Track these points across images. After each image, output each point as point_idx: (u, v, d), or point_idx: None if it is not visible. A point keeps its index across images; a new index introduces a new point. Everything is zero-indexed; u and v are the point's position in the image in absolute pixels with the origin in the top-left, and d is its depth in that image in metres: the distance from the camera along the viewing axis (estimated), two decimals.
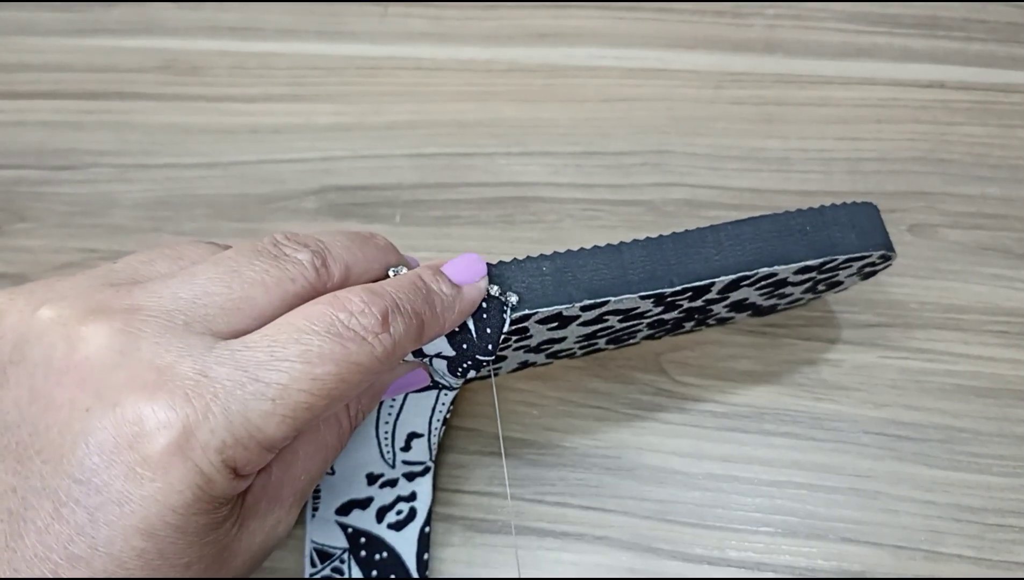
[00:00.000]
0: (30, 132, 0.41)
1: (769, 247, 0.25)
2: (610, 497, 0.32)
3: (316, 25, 0.43)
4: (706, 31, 0.42)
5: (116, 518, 0.18)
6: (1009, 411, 0.33)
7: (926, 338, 0.34)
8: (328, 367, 0.19)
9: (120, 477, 0.18)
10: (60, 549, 0.18)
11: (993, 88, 0.40)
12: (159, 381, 0.18)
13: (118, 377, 0.19)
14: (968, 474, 0.32)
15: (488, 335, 0.24)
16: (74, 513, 0.18)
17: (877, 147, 0.39)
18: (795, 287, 0.29)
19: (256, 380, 0.19)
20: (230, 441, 0.19)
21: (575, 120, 0.40)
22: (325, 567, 0.30)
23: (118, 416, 0.18)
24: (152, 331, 0.19)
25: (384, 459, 0.30)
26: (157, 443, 0.18)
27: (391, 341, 0.21)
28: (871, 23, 0.42)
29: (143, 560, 0.19)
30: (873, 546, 0.31)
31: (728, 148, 0.39)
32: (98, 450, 0.18)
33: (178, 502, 0.18)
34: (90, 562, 0.18)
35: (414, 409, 0.28)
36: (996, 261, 0.36)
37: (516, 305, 0.24)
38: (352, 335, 0.20)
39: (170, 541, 0.19)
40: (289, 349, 0.19)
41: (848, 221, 0.26)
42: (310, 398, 0.19)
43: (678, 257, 0.25)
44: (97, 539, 0.18)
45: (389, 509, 0.30)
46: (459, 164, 0.39)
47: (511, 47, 0.42)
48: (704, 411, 0.33)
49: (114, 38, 0.43)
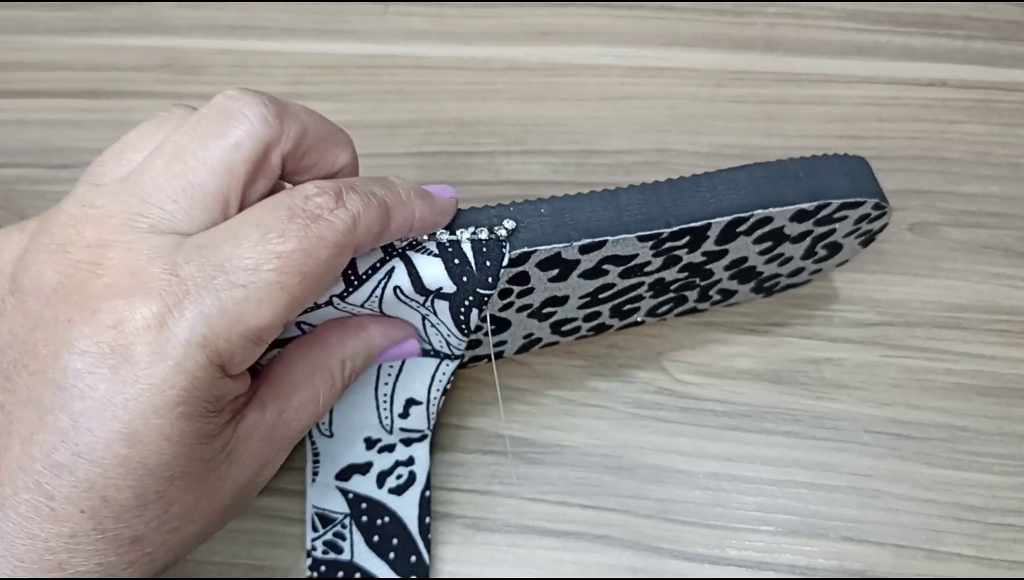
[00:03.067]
0: (30, 131, 0.41)
1: (763, 190, 0.26)
2: (610, 496, 0.32)
3: (316, 24, 0.43)
4: (707, 29, 0.42)
5: (98, 423, 0.18)
6: (1010, 410, 0.33)
7: (927, 337, 0.34)
8: (291, 244, 0.20)
9: (102, 381, 0.18)
10: (43, 458, 0.19)
11: (994, 86, 0.40)
12: (133, 285, 0.19)
13: (96, 287, 0.19)
14: (969, 473, 0.32)
15: (488, 268, 0.24)
16: (58, 420, 0.19)
17: (878, 145, 0.39)
18: (794, 245, 0.29)
19: (224, 271, 0.19)
20: (210, 334, 0.19)
21: (575, 119, 0.40)
22: (327, 531, 0.30)
23: (98, 322, 0.19)
24: (122, 240, 0.20)
25: (382, 424, 0.30)
26: (136, 343, 0.18)
27: (349, 215, 0.21)
28: (872, 21, 0.42)
29: (125, 468, 0.19)
30: (874, 545, 0.31)
31: (729, 146, 0.39)
32: (80, 356, 0.18)
33: (160, 402, 0.18)
34: (73, 470, 0.18)
35: (414, 373, 0.28)
36: (997, 260, 0.36)
37: (512, 230, 0.24)
38: (310, 213, 0.20)
39: (153, 449, 0.19)
40: (251, 235, 0.20)
41: (840, 169, 0.27)
42: (280, 277, 0.19)
43: (674, 200, 0.25)
44: (80, 446, 0.18)
45: (389, 474, 0.30)
46: (459, 163, 0.39)
47: (511, 45, 0.42)
48: (705, 410, 0.33)
49: (114, 37, 0.43)
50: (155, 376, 0.18)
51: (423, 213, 0.23)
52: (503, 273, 0.25)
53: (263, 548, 0.31)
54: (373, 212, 0.21)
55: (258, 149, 0.21)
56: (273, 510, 0.32)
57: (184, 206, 0.20)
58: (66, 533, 0.19)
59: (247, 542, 0.31)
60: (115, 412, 0.18)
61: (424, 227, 0.23)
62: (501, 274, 0.24)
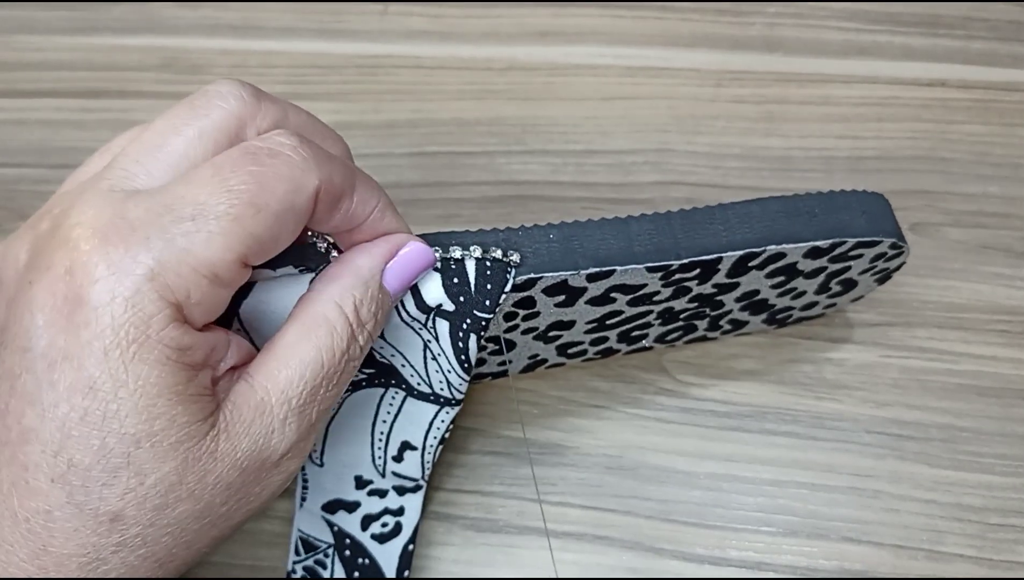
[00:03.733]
0: (31, 130, 0.41)
1: (777, 226, 0.25)
2: (611, 496, 0.32)
3: (316, 23, 0.43)
4: (707, 29, 0.42)
5: (59, 376, 0.18)
6: (1011, 410, 0.33)
7: (928, 337, 0.34)
8: (243, 176, 0.19)
9: (60, 332, 0.18)
10: (16, 426, 0.18)
11: (994, 86, 0.40)
12: (81, 234, 0.19)
13: (50, 245, 0.19)
14: (970, 473, 0.32)
15: (488, 291, 0.24)
16: (25, 383, 0.18)
17: (878, 145, 0.39)
18: (807, 281, 0.28)
19: (172, 209, 0.19)
20: (157, 268, 0.18)
21: (575, 119, 0.40)
22: (308, 558, 0.30)
23: (51, 275, 0.18)
24: (79, 202, 0.20)
25: (375, 464, 0.29)
26: (87, 286, 0.18)
27: (311, 154, 0.20)
28: (872, 21, 0.42)
29: (87, 425, 0.18)
30: (874, 545, 0.31)
31: (729, 147, 0.39)
32: (40, 312, 0.18)
33: (112, 343, 0.18)
34: (39, 433, 0.18)
35: (413, 416, 0.28)
36: (998, 260, 0.36)
37: (519, 263, 0.24)
38: (268, 150, 0.20)
39: (111, 398, 0.18)
40: (203, 173, 0.19)
41: (858, 206, 0.26)
42: (232, 208, 0.19)
43: (685, 232, 0.25)
44: (44, 403, 0.18)
45: (375, 519, 0.30)
46: (459, 163, 0.39)
47: (511, 45, 0.42)
48: (705, 410, 0.33)
49: (115, 36, 0.43)
50: (105, 315, 0.18)
51: (386, 205, 0.22)
52: (506, 298, 0.24)
53: (263, 548, 0.31)
54: (338, 165, 0.21)
55: (230, 120, 0.21)
56: (273, 510, 0.32)
57: (147, 167, 0.20)
58: (42, 509, 0.18)
59: (247, 542, 0.31)
60: (72, 363, 0.18)
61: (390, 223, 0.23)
62: (503, 299, 0.24)
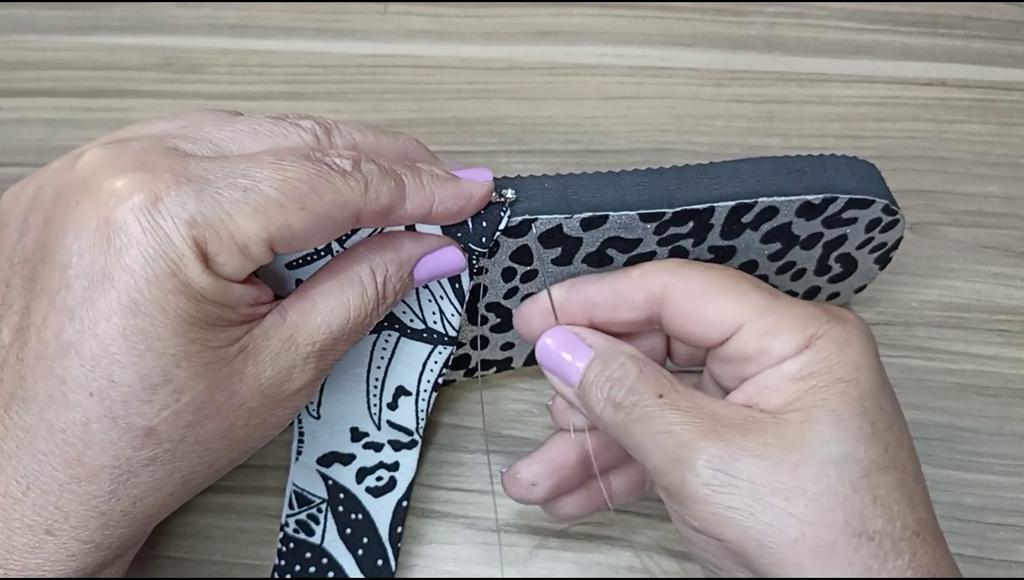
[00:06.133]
0: (30, 130, 0.41)
1: (768, 180, 0.26)
2: None
3: (316, 23, 0.43)
4: (707, 29, 0.42)
5: (100, 295, 0.19)
6: (1010, 410, 0.33)
7: (927, 336, 0.34)
8: (299, 174, 0.20)
9: (101, 253, 0.19)
10: (54, 341, 0.19)
11: (994, 86, 0.40)
12: (139, 167, 0.20)
13: (105, 172, 0.20)
14: (969, 473, 0.32)
15: (483, 228, 0.25)
16: (65, 299, 0.19)
17: (877, 145, 0.39)
18: (805, 252, 0.28)
19: (230, 174, 0.20)
20: (200, 219, 0.19)
21: (575, 118, 0.40)
22: (302, 511, 0.30)
23: (99, 197, 0.19)
24: (140, 146, 0.21)
25: (371, 414, 0.30)
26: (128, 205, 0.19)
27: (363, 178, 0.21)
28: (871, 21, 0.42)
29: (127, 342, 0.19)
30: None
31: (728, 146, 0.39)
32: (84, 230, 0.19)
33: (152, 273, 0.19)
34: (79, 348, 0.19)
35: (406, 358, 0.28)
36: (997, 259, 0.36)
37: (514, 200, 0.24)
38: (325, 163, 0.21)
39: (152, 321, 0.19)
40: (264, 158, 0.21)
41: (847, 168, 0.26)
42: (282, 197, 0.20)
43: (677, 184, 0.25)
44: (84, 320, 0.19)
45: (370, 472, 0.30)
46: (459, 162, 0.39)
47: (511, 45, 0.42)
48: None
49: (114, 36, 0.43)
50: (146, 245, 0.19)
51: (444, 199, 0.23)
52: (502, 239, 0.25)
53: (264, 547, 0.31)
54: (386, 185, 0.22)
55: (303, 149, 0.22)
56: (274, 509, 0.32)
57: (218, 145, 0.21)
58: (79, 421, 0.19)
59: (247, 541, 0.31)
60: (113, 282, 0.19)
61: (446, 214, 0.24)
62: (497, 236, 0.25)
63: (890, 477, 0.21)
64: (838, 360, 0.22)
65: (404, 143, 0.25)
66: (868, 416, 0.22)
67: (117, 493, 0.20)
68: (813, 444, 0.21)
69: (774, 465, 0.21)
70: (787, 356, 0.22)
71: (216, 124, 0.22)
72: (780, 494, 0.21)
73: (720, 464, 0.21)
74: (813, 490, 0.21)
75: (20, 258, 0.21)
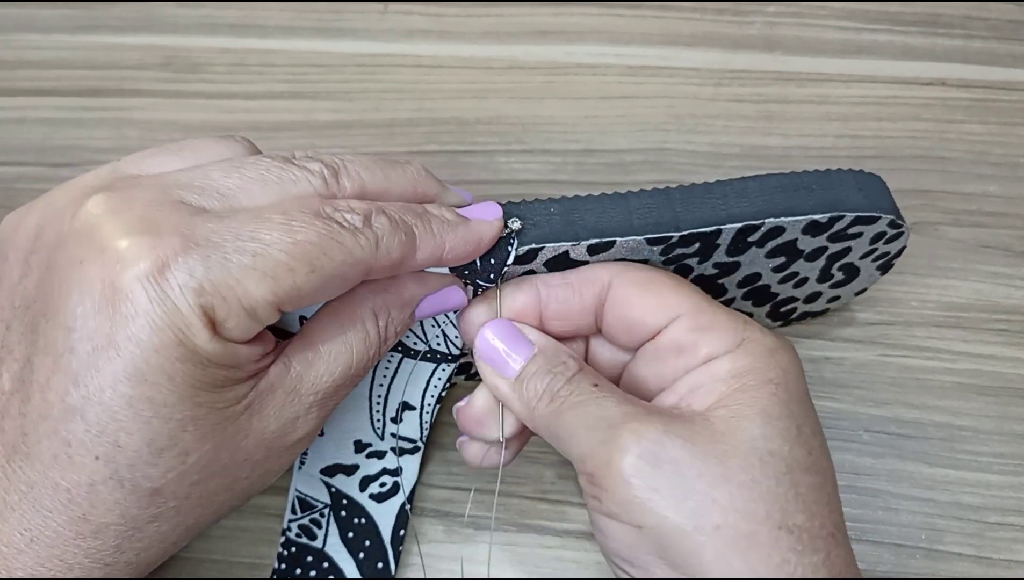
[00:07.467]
0: (30, 129, 0.41)
1: (775, 200, 0.25)
2: None
3: (316, 22, 0.43)
4: (707, 28, 0.42)
5: (105, 362, 0.19)
6: (1009, 409, 0.33)
7: (926, 336, 0.34)
8: (309, 236, 0.20)
9: (107, 320, 0.19)
10: (58, 403, 0.19)
11: (993, 86, 0.40)
12: (145, 227, 0.19)
13: (109, 229, 0.19)
14: (968, 472, 0.32)
15: (491, 265, 0.24)
16: (69, 363, 0.19)
17: (877, 145, 0.39)
18: (808, 263, 0.28)
19: (238, 237, 0.20)
20: (208, 286, 0.19)
21: (575, 118, 0.40)
22: (304, 516, 0.30)
23: (104, 258, 0.19)
24: (146, 198, 0.20)
25: (374, 427, 0.30)
26: (134, 272, 0.19)
27: (373, 236, 0.21)
28: (871, 21, 0.42)
29: (133, 410, 0.19)
30: (873, 544, 0.31)
31: (728, 146, 0.39)
32: (89, 294, 0.19)
33: (159, 342, 0.19)
34: (84, 413, 0.19)
35: (409, 377, 0.28)
36: (996, 259, 0.36)
37: (520, 232, 0.24)
38: (334, 222, 0.21)
39: (159, 389, 0.19)
40: (273, 218, 0.20)
41: (854, 183, 0.26)
42: (291, 260, 0.20)
43: (684, 205, 0.25)
44: (89, 387, 0.19)
45: (373, 479, 0.30)
46: (459, 162, 0.39)
47: (511, 44, 0.42)
48: None
49: (114, 35, 0.43)
50: (153, 314, 0.19)
51: (454, 246, 0.23)
52: (509, 271, 0.25)
53: (264, 547, 0.31)
54: (400, 238, 0.22)
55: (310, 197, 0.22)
56: (274, 509, 0.32)
57: (224, 197, 0.21)
58: (85, 482, 0.19)
59: (247, 540, 0.31)
60: (118, 351, 0.19)
61: (456, 259, 0.24)
62: (505, 272, 0.24)
63: (812, 478, 0.22)
64: (768, 363, 0.23)
65: (413, 175, 0.24)
66: (795, 419, 0.22)
67: (122, 547, 0.20)
68: (741, 438, 0.22)
69: (701, 452, 0.21)
70: (717, 354, 0.23)
71: (223, 170, 0.22)
72: (705, 480, 0.21)
73: (648, 446, 0.21)
74: (738, 479, 0.21)
75: (21, 302, 0.21)
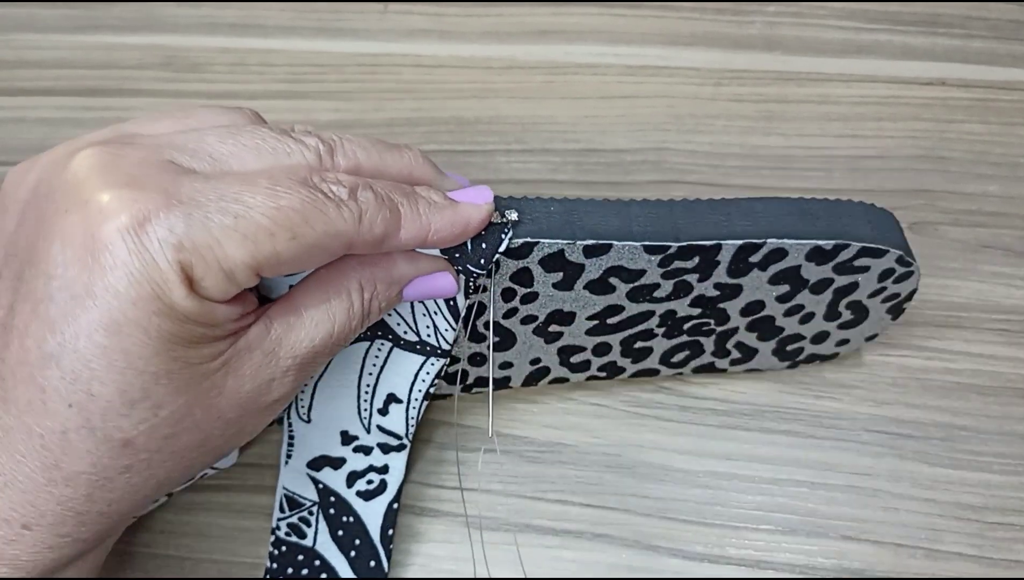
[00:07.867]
0: (30, 129, 0.41)
1: (780, 222, 0.25)
2: (610, 495, 0.32)
3: (316, 22, 0.43)
4: (706, 28, 0.42)
5: (82, 311, 0.19)
6: (1009, 409, 0.33)
7: (926, 336, 0.34)
8: (292, 202, 0.20)
9: (86, 269, 0.19)
10: (35, 349, 0.19)
11: (994, 86, 0.40)
12: (130, 181, 0.19)
13: (94, 182, 0.19)
14: (968, 472, 0.32)
15: (483, 250, 0.24)
16: (48, 309, 0.19)
17: (877, 145, 0.39)
18: (814, 296, 0.28)
19: (222, 198, 0.20)
20: (187, 244, 0.19)
21: (575, 118, 0.40)
22: (293, 515, 0.30)
23: (87, 210, 0.19)
24: (137, 156, 0.20)
25: (360, 418, 0.30)
26: (115, 224, 0.19)
27: (357, 209, 0.21)
28: (871, 20, 0.42)
29: (107, 360, 0.19)
30: (873, 544, 0.31)
31: (728, 146, 0.39)
32: (70, 243, 0.19)
33: (136, 295, 0.19)
34: (59, 360, 0.19)
35: (399, 367, 0.28)
36: (996, 259, 0.36)
37: (516, 223, 0.24)
38: (319, 192, 0.21)
39: (133, 341, 0.19)
40: (260, 182, 0.20)
41: (864, 216, 0.26)
42: (273, 225, 0.20)
43: (685, 219, 0.25)
44: (65, 334, 0.19)
45: (360, 476, 0.30)
46: (459, 161, 0.39)
47: (511, 44, 0.42)
48: (704, 409, 0.33)
49: (114, 35, 0.43)
50: (131, 267, 0.19)
51: (439, 228, 0.23)
52: (502, 261, 0.25)
53: (263, 546, 0.31)
54: (380, 216, 0.22)
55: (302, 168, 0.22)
56: None
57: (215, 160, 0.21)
58: (58, 429, 0.19)
59: (247, 540, 0.31)
60: (95, 301, 0.19)
61: (442, 241, 0.23)
62: (498, 260, 0.24)
63: None
64: None
65: (409, 160, 0.24)
66: None
67: (93, 496, 0.21)
68: None
69: None
70: None
71: (220, 136, 0.22)
72: None
73: None
74: None
75: (12, 251, 0.21)
